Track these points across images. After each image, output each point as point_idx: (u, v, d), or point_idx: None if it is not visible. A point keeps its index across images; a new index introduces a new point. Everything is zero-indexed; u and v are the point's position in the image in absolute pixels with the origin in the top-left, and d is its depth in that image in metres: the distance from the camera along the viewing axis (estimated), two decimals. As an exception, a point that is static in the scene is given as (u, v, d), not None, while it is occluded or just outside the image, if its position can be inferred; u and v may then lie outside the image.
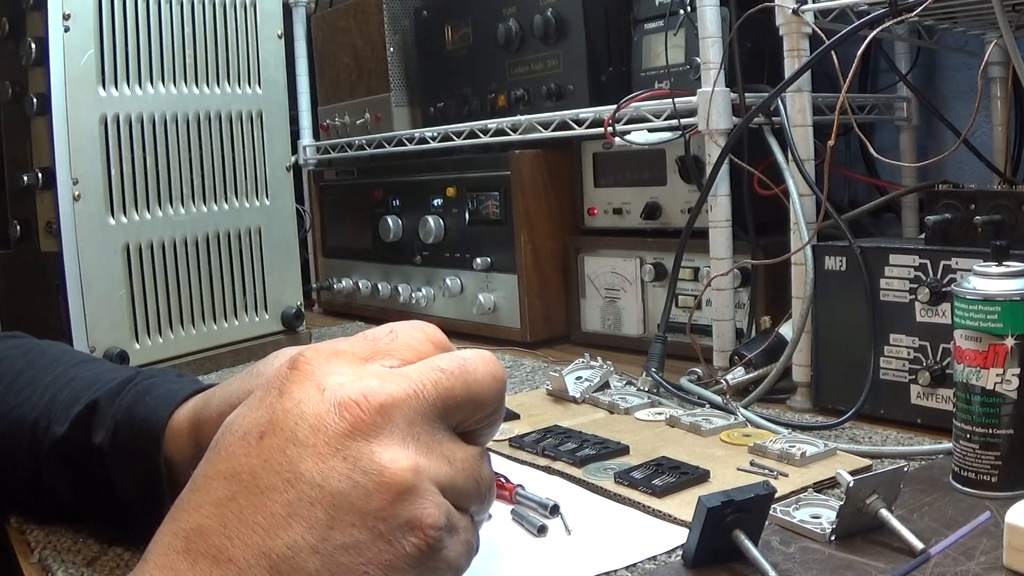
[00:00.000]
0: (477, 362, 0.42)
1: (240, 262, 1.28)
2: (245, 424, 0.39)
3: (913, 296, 0.80)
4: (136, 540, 0.61)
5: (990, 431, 0.62)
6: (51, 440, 0.61)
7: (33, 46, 1.05)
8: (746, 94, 1.00)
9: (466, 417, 0.41)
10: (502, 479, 0.68)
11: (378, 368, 0.41)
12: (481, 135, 1.36)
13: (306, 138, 1.78)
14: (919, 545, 0.54)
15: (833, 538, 0.57)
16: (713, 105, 0.99)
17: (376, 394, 0.38)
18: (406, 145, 1.51)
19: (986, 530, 0.57)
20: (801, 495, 0.63)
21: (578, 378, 0.97)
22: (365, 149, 1.61)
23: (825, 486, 0.67)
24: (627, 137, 1.13)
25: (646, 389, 0.95)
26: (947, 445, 0.69)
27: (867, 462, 0.72)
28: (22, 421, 0.63)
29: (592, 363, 0.99)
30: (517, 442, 0.80)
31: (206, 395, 0.57)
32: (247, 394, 0.43)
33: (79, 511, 0.64)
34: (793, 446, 0.72)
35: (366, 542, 0.36)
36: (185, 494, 0.38)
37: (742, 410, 0.84)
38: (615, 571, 0.57)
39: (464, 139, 1.39)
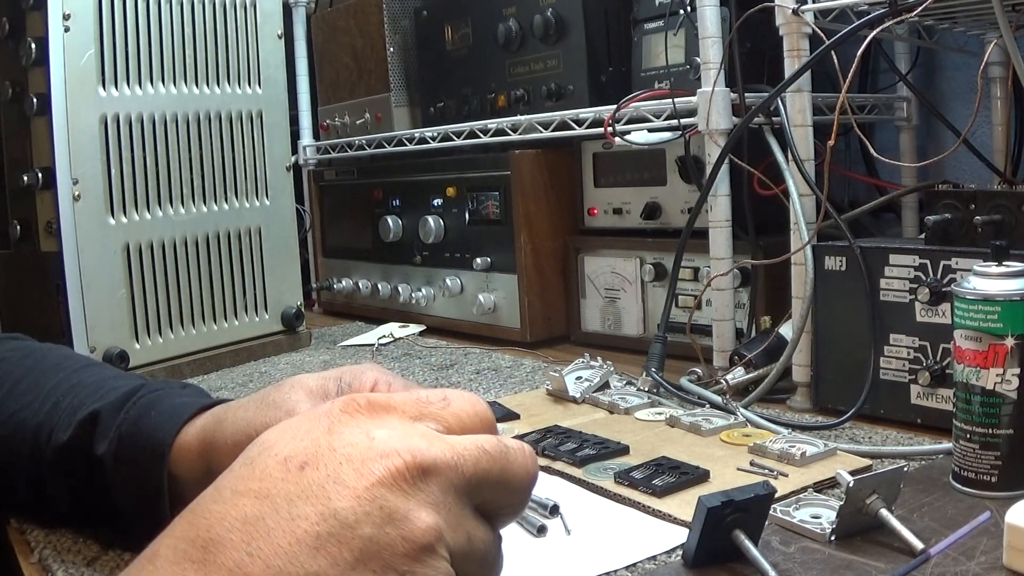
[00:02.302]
0: (518, 454, 0.43)
1: (240, 262, 1.28)
2: (286, 450, 0.39)
3: (913, 296, 0.80)
4: (138, 539, 0.61)
5: (990, 431, 0.62)
6: (53, 448, 0.61)
7: (33, 46, 1.06)
8: (746, 94, 1.00)
9: (493, 500, 0.42)
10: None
11: (425, 430, 0.42)
12: (481, 135, 1.36)
13: (306, 138, 1.78)
14: (919, 545, 0.54)
15: (833, 538, 0.57)
16: (713, 105, 0.99)
17: (421, 454, 0.39)
18: (406, 145, 1.51)
19: (986, 530, 0.57)
20: (801, 495, 0.63)
21: (578, 378, 0.97)
22: (365, 149, 1.61)
23: (825, 486, 0.67)
24: (627, 137, 1.13)
25: (646, 389, 0.95)
26: (947, 445, 0.69)
27: (867, 462, 0.72)
28: (24, 427, 0.63)
29: (592, 363, 0.99)
30: (517, 442, 0.80)
31: (216, 416, 0.57)
32: (265, 426, 0.44)
33: (79, 519, 0.64)
34: (793, 446, 0.72)
35: None
36: (206, 504, 0.38)
37: (742, 410, 0.84)
38: (615, 571, 0.57)
39: (464, 139, 1.39)
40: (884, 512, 0.56)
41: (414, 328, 1.46)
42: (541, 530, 0.63)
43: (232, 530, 0.37)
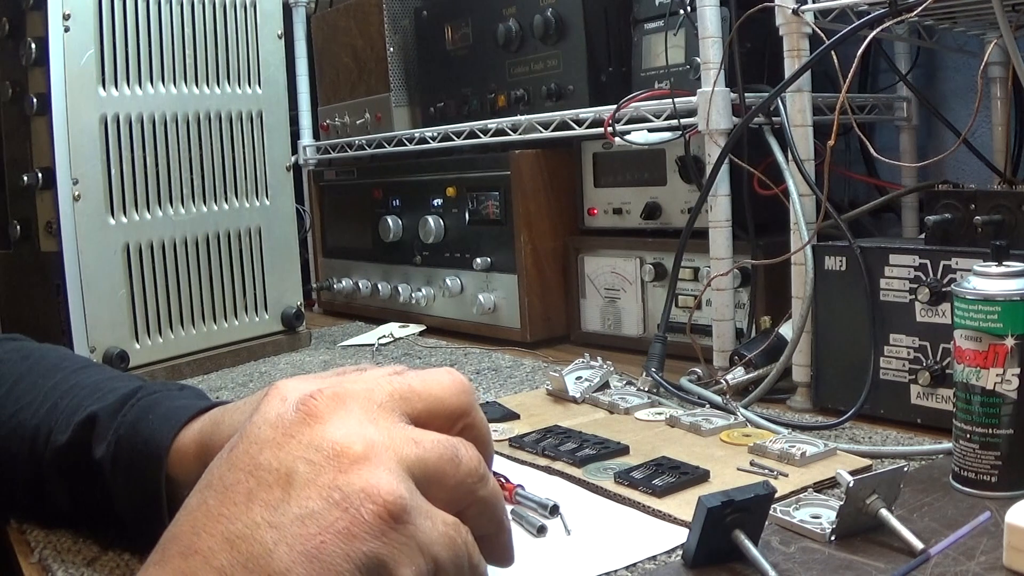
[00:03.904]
0: (436, 370, 0.44)
1: (240, 262, 1.28)
2: (224, 448, 0.42)
3: (913, 296, 0.80)
4: (137, 542, 0.61)
5: (990, 431, 0.62)
6: (52, 449, 0.61)
7: (33, 46, 1.05)
8: (746, 94, 1.00)
9: (429, 412, 0.42)
10: (502, 479, 0.68)
11: (338, 380, 0.43)
12: (481, 135, 1.36)
13: (306, 138, 1.78)
14: (919, 545, 0.54)
15: (833, 538, 0.57)
16: (713, 105, 0.99)
17: (331, 389, 0.41)
18: (406, 145, 1.51)
19: (986, 530, 0.57)
20: (801, 495, 0.63)
21: (578, 378, 0.97)
22: (365, 149, 1.61)
23: (825, 486, 0.67)
24: (627, 137, 1.13)
25: (646, 389, 0.95)
26: (947, 445, 0.69)
27: (867, 462, 0.72)
28: (23, 427, 0.63)
29: (592, 363, 0.99)
30: (517, 442, 0.80)
31: (214, 418, 0.57)
32: None
33: (79, 520, 0.64)
34: (793, 446, 0.72)
35: (321, 511, 0.37)
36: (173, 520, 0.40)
37: (742, 410, 0.84)
38: (615, 571, 0.57)
39: (464, 139, 1.39)
40: (884, 512, 0.56)
41: (414, 328, 1.46)
42: (541, 530, 0.63)
43: (182, 524, 0.38)
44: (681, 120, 1.05)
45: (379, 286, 1.56)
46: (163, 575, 0.37)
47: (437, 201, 1.43)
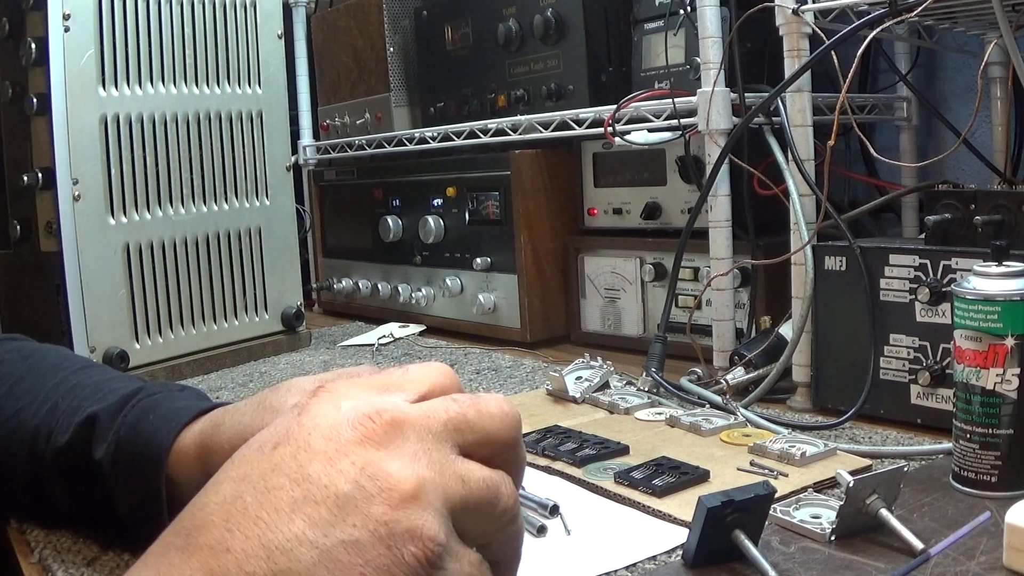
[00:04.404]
0: (489, 399, 0.43)
1: (240, 262, 1.28)
2: (262, 439, 0.40)
3: (913, 296, 0.80)
4: (137, 542, 0.61)
5: (990, 431, 0.62)
6: (53, 450, 0.61)
7: (33, 46, 1.05)
8: (746, 94, 1.00)
9: (480, 447, 0.42)
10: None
11: (392, 395, 0.42)
12: (481, 135, 1.36)
13: (306, 138, 1.78)
14: (919, 545, 0.54)
15: (833, 538, 0.57)
16: (713, 105, 0.99)
17: (389, 412, 0.39)
18: (406, 145, 1.51)
19: (986, 530, 0.57)
20: (801, 495, 0.63)
21: (578, 378, 0.97)
22: (365, 149, 1.61)
23: (825, 486, 0.67)
24: (627, 137, 1.13)
25: (646, 389, 0.95)
26: (947, 445, 0.69)
27: (867, 462, 0.72)
28: (23, 428, 0.63)
29: (592, 363, 0.99)
30: (517, 442, 0.80)
31: (214, 419, 0.57)
32: (261, 428, 0.45)
33: (79, 520, 0.64)
34: (793, 446, 0.72)
35: (366, 543, 0.36)
36: (194, 499, 0.39)
37: (742, 410, 0.84)
38: (615, 571, 0.57)
39: (464, 139, 1.39)
40: (884, 512, 0.56)
41: (414, 328, 1.46)
42: (541, 530, 0.63)
43: (212, 513, 0.37)
44: (681, 120, 1.05)
45: (379, 286, 1.56)
46: (189, 565, 0.36)
47: (437, 201, 1.43)
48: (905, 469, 0.59)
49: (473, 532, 0.40)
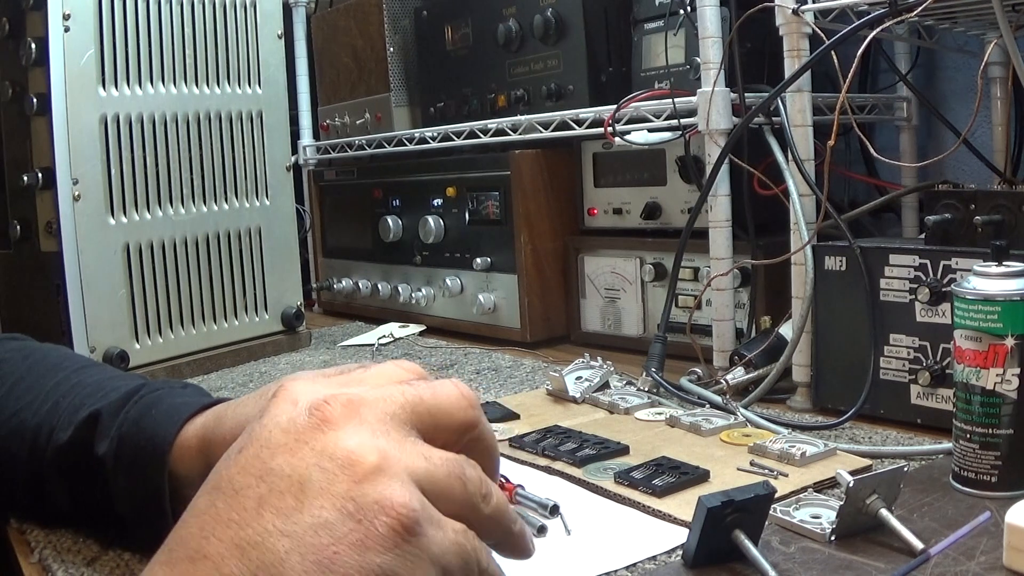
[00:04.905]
0: (444, 382, 0.44)
1: (240, 262, 1.28)
2: (232, 447, 0.41)
3: (913, 296, 0.80)
4: (138, 540, 0.61)
5: (990, 431, 0.62)
6: (53, 448, 0.61)
7: (33, 46, 1.05)
8: (746, 94, 1.00)
9: (440, 430, 0.42)
10: (502, 479, 0.68)
11: (349, 386, 0.43)
12: (481, 135, 1.36)
13: (306, 138, 1.78)
14: (919, 545, 0.54)
15: (833, 538, 0.57)
16: (713, 105, 0.99)
17: (345, 395, 0.40)
18: (406, 145, 1.51)
19: (986, 530, 0.57)
20: (801, 495, 0.63)
21: (578, 378, 0.97)
22: (365, 149, 1.61)
23: (825, 486, 0.67)
24: (627, 137, 1.13)
25: (646, 389, 0.95)
26: (947, 445, 0.69)
27: (867, 462, 0.72)
28: (23, 427, 0.63)
29: (592, 363, 0.99)
30: (517, 442, 0.80)
31: (216, 413, 0.57)
32: None
33: (79, 520, 0.64)
34: (793, 446, 0.72)
35: (335, 521, 0.36)
36: (178, 523, 0.40)
37: (742, 410, 0.84)
38: (615, 571, 0.57)
39: (464, 139, 1.39)
40: (884, 512, 0.56)
41: (414, 328, 1.46)
42: (541, 530, 0.62)
43: (190, 526, 0.38)
44: (681, 120, 1.05)
45: (379, 286, 1.56)
46: None
47: (437, 201, 1.43)
48: (905, 469, 0.59)
49: (449, 513, 0.40)
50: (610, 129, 1.12)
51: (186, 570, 0.36)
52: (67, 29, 1.05)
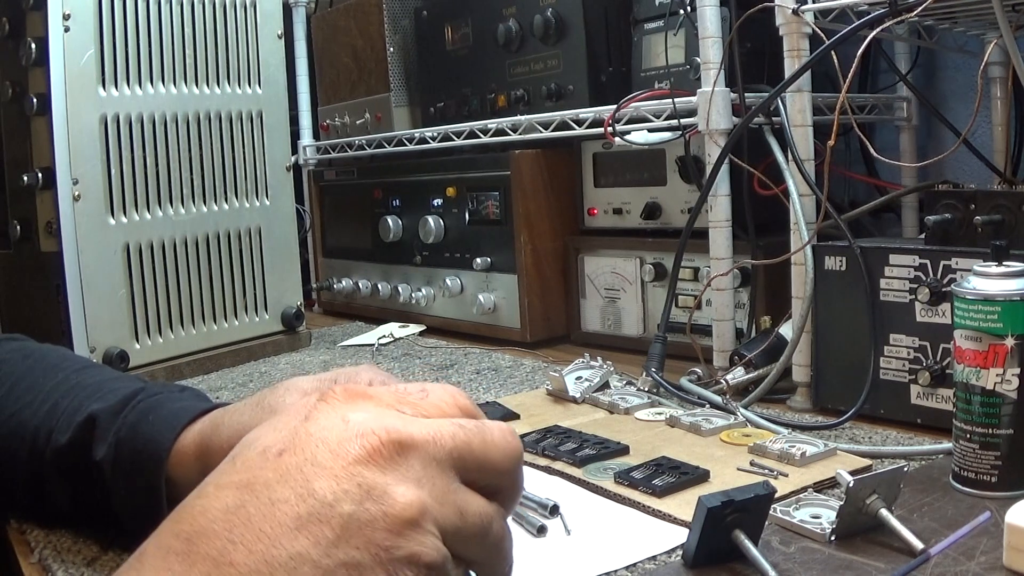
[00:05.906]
0: (495, 427, 0.43)
1: (240, 262, 1.28)
2: (266, 441, 0.40)
3: (913, 296, 0.80)
4: (137, 542, 0.61)
5: (990, 431, 0.62)
6: (53, 449, 0.61)
7: (33, 46, 1.05)
8: (746, 94, 1.00)
9: (481, 477, 0.42)
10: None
11: (401, 413, 0.42)
12: (481, 135, 1.36)
13: (306, 138, 1.78)
14: (919, 545, 0.54)
15: (833, 538, 0.57)
16: (713, 105, 0.99)
17: (397, 431, 0.40)
18: (406, 145, 1.51)
19: (986, 530, 0.57)
20: (801, 495, 0.63)
21: (578, 378, 0.97)
22: (365, 149, 1.61)
23: (825, 486, 0.67)
24: (627, 137, 1.13)
25: (646, 389, 0.95)
26: (947, 445, 0.69)
27: (867, 462, 0.72)
28: (23, 427, 0.63)
29: (592, 363, 0.99)
30: (517, 442, 0.80)
31: (214, 419, 0.57)
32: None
33: (79, 520, 0.64)
34: (793, 446, 0.72)
35: (367, 566, 0.37)
36: (191, 500, 0.39)
37: (742, 410, 0.84)
38: (615, 571, 0.57)
39: (464, 139, 1.39)
40: (884, 512, 0.56)
41: (414, 328, 1.46)
42: (541, 530, 0.63)
43: (215, 520, 0.37)
44: (681, 120, 1.05)
45: (379, 286, 1.56)
46: (190, 575, 0.36)
47: (437, 201, 1.43)
48: (905, 469, 0.59)
49: (460, 555, 0.41)
50: (610, 129, 1.12)
51: (209, 572, 0.36)
52: (67, 29, 1.05)
